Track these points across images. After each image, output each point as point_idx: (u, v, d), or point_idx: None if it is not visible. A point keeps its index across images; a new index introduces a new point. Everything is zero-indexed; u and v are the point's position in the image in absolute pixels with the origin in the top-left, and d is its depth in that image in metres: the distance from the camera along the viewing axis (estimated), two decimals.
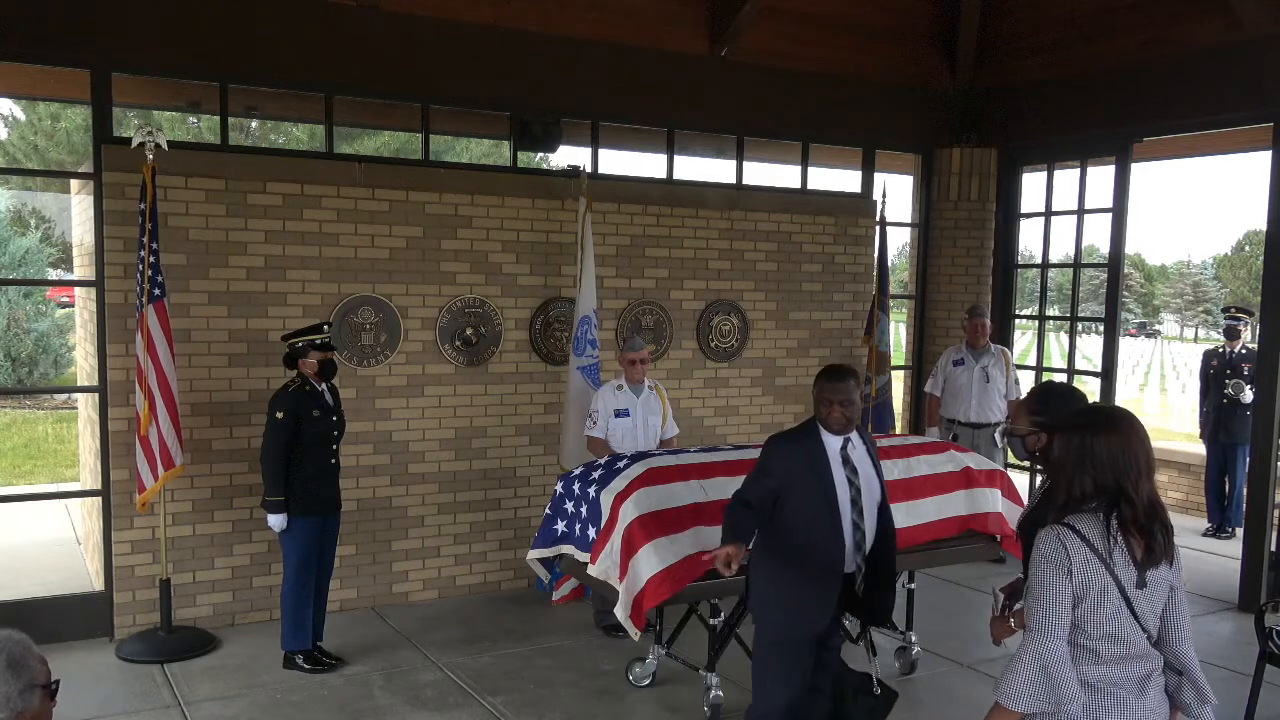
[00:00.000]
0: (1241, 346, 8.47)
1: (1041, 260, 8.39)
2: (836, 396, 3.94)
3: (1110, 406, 2.77)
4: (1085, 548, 2.51)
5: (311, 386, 5.33)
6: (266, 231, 6.01)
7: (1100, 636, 2.54)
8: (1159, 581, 2.57)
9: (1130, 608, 2.53)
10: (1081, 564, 2.50)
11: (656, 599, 4.50)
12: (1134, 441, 2.56)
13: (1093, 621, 2.52)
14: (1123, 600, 2.53)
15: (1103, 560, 2.51)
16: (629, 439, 5.85)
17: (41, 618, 5.71)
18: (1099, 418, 2.64)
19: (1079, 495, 2.57)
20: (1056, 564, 2.51)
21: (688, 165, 11.67)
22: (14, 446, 13.23)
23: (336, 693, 5.14)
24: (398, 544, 6.49)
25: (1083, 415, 2.69)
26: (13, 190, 23.90)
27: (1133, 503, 2.52)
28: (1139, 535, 2.52)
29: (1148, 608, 2.56)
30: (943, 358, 7.70)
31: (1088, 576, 2.50)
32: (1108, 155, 7.54)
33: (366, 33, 6.23)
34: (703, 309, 7.42)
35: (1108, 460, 2.54)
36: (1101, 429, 2.58)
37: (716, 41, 7.28)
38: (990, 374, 7.43)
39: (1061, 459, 2.61)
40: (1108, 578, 2.51)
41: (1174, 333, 78.39)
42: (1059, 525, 2.56)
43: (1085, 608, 2.52)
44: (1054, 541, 2.53)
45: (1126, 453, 2.54)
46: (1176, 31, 6.95)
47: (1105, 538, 2.52)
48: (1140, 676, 2.58)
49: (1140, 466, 2.55)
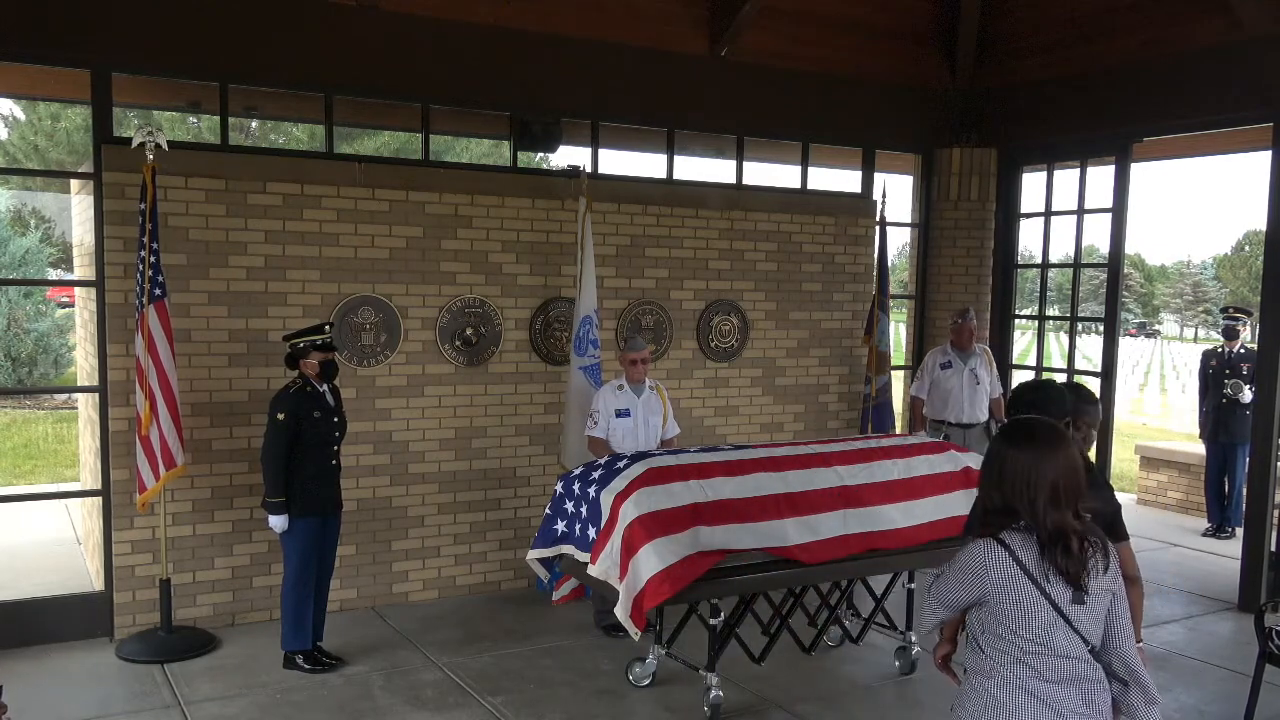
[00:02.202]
0: (1241, 346, 8.47)
1: (1041, 260, 8.39)
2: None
3: (1037, 420, 2.66)
4: (1013, 565, 2.49)
5: (313, 387, 5.33)
6: (266, 231, 6.01)
7: (1035, 650, 2.52)
8: (1100, 593, 2.54)
9: (1068, 622, 2.50)
10: (1000, 582, 2.50)
11: (657, 599, 4.49)
12: (1046, 463, 2.49)
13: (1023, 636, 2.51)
14: (1056, 614, 2.50)
15: (1030, 578, 2.48)
16: (630, 439, 5.85)
17: (41, 618, 5.72)
18: (1019, 432, 2.59)
19: (988, 508, 2.56)
20: (970, 575, 2.54)
21: (688, 165, 11.66)
22: (14, 446, 13.23)
23: (336, 693, 5.14)
24: (398, 544, 6.49)
25: (1010, 426, 2.64)
26: (13, 190, 23.90)
27: (1038, 521, 2.49)
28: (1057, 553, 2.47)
29: (1089, 619, 2.53)
30: (928, 360, 7.65)
31: (1007, 594, 2.49)
32: (1108, 155, 7.54)
33: (366, 33, 6.23)
34: (703, 309, 7.42)
35: (1009, 477, 2.51)
36: (1017, 444, 2.54)
37: (716, 41, 7.28)
38: (979, 375, 7.45)
39: (983, 466, 2.62)
40: (1035, 594, 2.48)
41: (1174, 333, 78.38)
42: (990, 540, 2.54)
43: (1009, 619, 2.51)
44: (978, 556, 2.54)
45: (1033, 472, 2.48)
46: (1176, 31, 6.95)
47: (1039, 557, 2.48)
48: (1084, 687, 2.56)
49: (1043, 488, 2.48)
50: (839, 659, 5.75)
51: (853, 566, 5.10)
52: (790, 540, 4.83)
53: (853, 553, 5.00)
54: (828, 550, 4.92)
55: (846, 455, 5.34)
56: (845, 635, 5.63)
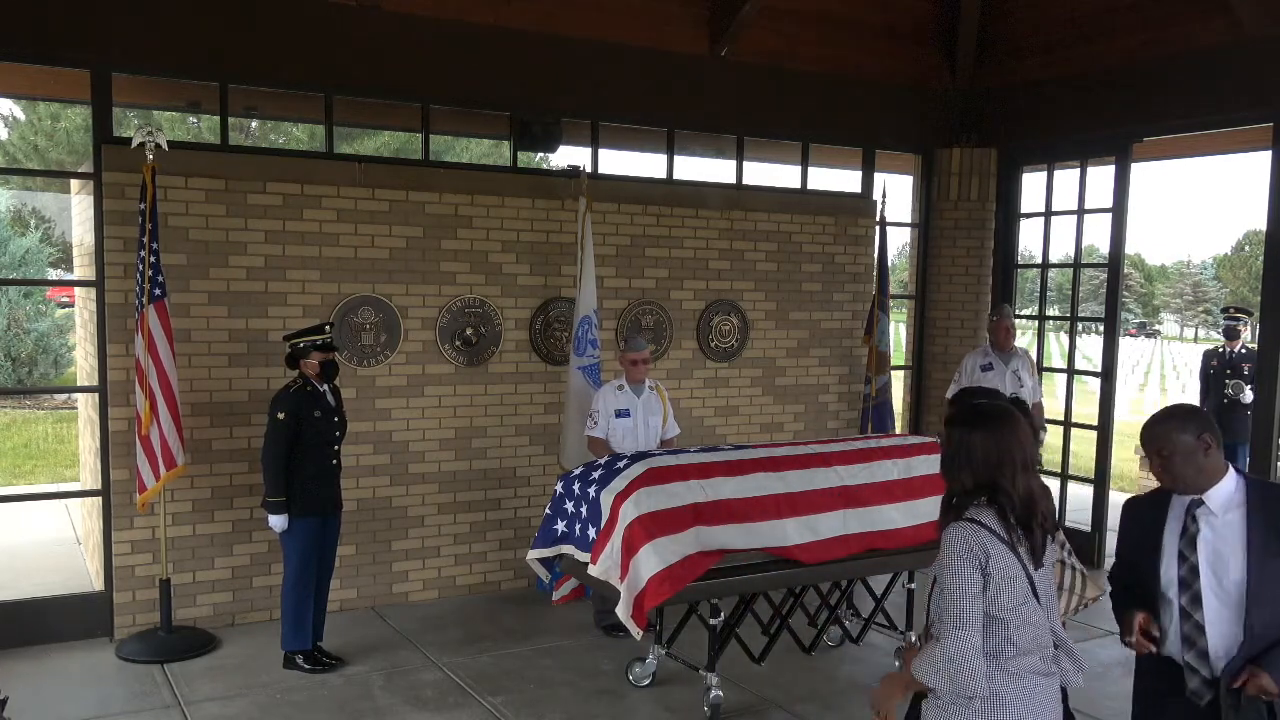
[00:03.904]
0: (1241, 346, 8.47)
1: (1041, 260, 8.39)
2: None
3: (990, 404, 2.82)
4: (995, 539, 2.59)
5: (313, 387, 5.33)
6: (266, 231, 6.01)
7: (1016, 625, 2.61)
8: (1051, 560, 2.73)
9: (1035, 592, 2.63)
10: (997, 556, 2.58)
11: (657, 599, 4.50)
12: (1009, 438, 2.65)
13: (1010, 610, 2.60)
14: (1029, 585, 2.62)
15: (1012, 549, 2.60)
16: (629, 439, 5.85)
17: (41, 618, 5.72)
18: (976, 415, 2.73)
19: (961, 491, 2.67)
20: (970, 559, 2.58)
21: (688, 165, 11.66)
22: (14, 446, 13.23)
23: (336, 693, 5.14)
24: (398, 544, 6.49)
25: (963, 412, 2.78)
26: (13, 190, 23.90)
27: (1010, 496, 2.61)
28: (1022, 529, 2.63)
29: (1046, 585, 2.69)
30: (967, 362, 7.46)
31: (1002, 567, 2.58)
32: (1108, 155, 7.53)
33: (366, 33, 6.23)
34: (703, 309, 7.42)
35: (983, 457, 2.63)
36: (978, 426, 2.67)
37: (716, 41, 7.28)
38: (1021, 377, 7.24)
39: (945, 455, 2.71)
40: (1017, 565, 2.60)
41: (1174, 333, 78.36)
42: (965, 522, 2.63)
43: (1003, 599, 2.59)
44: (965, 537, 2.60)
45: (1002, 449, 2.63)
46: (1176, 31, 6.95)
47: (1008, 529, 2.62)
48: (1050, 659, 2.69)
49: (1016, 462, 2.63)
50: (839, 659, 5.75)
51: (853, 566, 5.10)
52: (790, 540, 4.83)
53: (853, 553, 5.01)
54: (828, 550, 4.92)
55: (846, 455, 5.34)
56: (845, 635, 5.63)
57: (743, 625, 5.17)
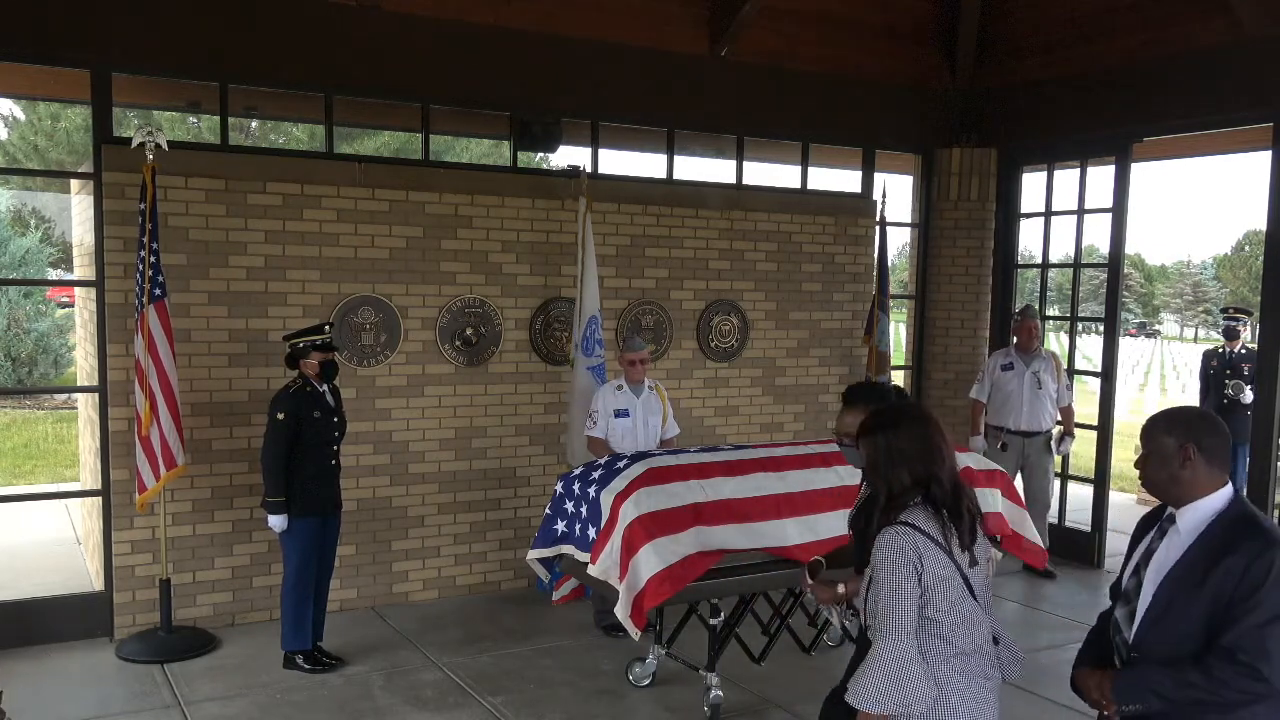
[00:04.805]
0: (1241, 347, 8.46)
1: (1041, 260, 8.39)
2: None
3: (901, 403, 2.88)
4: (928, 541, 2.61)
5: (313, 387, 5.33)
6: (266, 231, 6.01)
7: (953, 625, 2.63)
8: (983, 557, 2.74)
9: (971, 591, 2.67)
10: (930, 558, 2.61)
11: (657, 599, 4.50)
12: (931, 431, 2.72)
13: (945, 611, 2.62)
14: (964, 584, 2.65)
15: (945, 550, 2.63)
16: (629, 439, 5.85)
17: (41, 618, 5.72)
18: (898, 415, 2.80)
19: (899, 490, 2.69)
20: (904, 564, 2.59)
21: (688, 165, 11.66)
22: (14, 446, 13.23)
23: (336, 693, 5.14)
24: (398, 544, 6.49)
25: (883, 418, 2.81)
26: (13, 190, 23.89)
27: (943, 485, 2.67)
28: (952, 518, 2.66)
29: (981, 582, 2.71)
30: (990, 362, 7.50)
31: (935, 570, 2.61)
32: (1108, 155, 7.53)
33: (366, 33, 6.23)
34: (703, 309, 7.42)
35: (916, 453, 2.69)
36: (902, 425, 2.73)
37: (716, 41, 7.28)
38: (1041, 379, 7.24)
39: (874, 460, 2.75)
40: (950, 566, 2.62)
41: (1174, 333, 78.34)
42: (899, 525, 2.64)
43: (937, 600, 2.62)
44: (899, 541, 2.61)
45: (928, 442, 2.70)
46: (1176, 31, 6.95)
47: (942, 529, 2.64)
48: (991, 661, 2.72)
49: (942, 453, 2.70)
50: (839, 659, 5.72)
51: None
52: (790, 540, 4.83)
53: None
54: (828, 550, 4.91)
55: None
56: (845, 635, 5.63)
57: (743, 625, 5.17)
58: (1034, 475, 7.43)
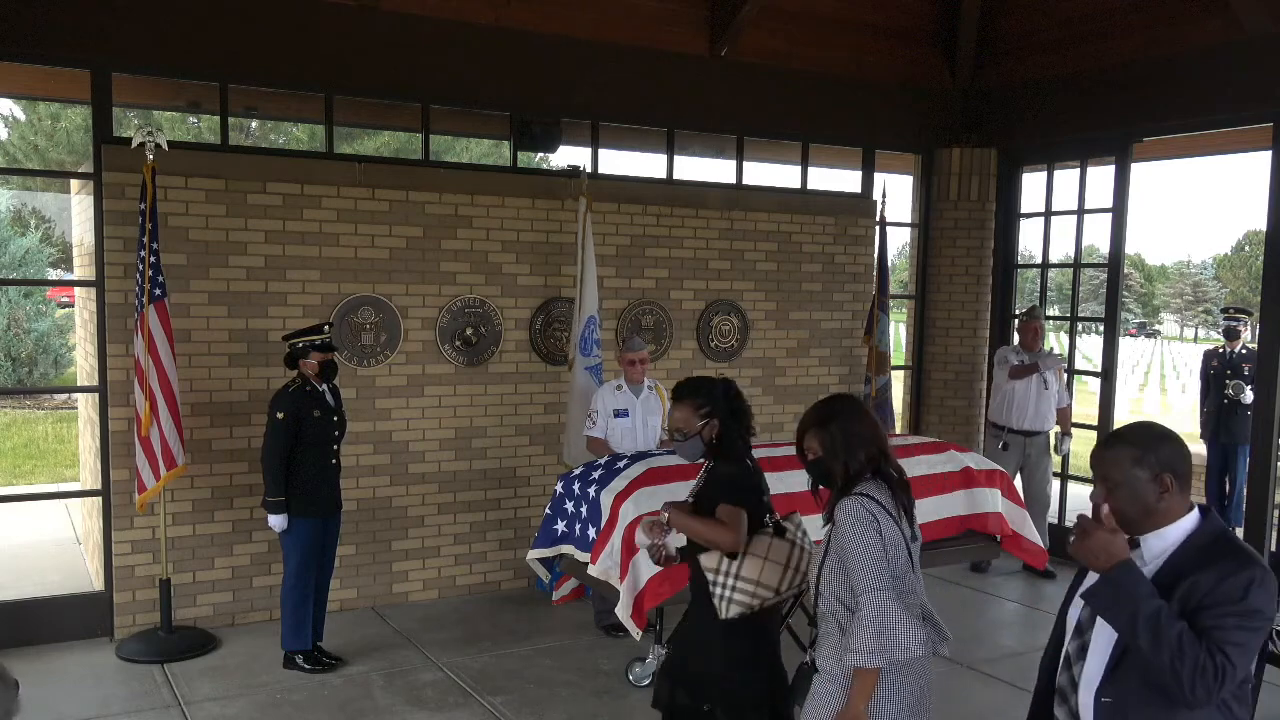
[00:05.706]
0: (1241, 347, 8.47)
1: (1041, 260, 8.39)
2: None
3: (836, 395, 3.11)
4: (883, 510, 2.80)
5: (312, 387, 5.33)
6: (266, 231, 6.01)
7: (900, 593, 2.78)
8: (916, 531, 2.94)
9: (913, 563, 2.86)
10: (885, 524, 2.78)
11: (657, 599, 4.50)
12: (870, 415, 3.02)
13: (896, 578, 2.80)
14: (909, 555, 2.85)
15: (895, 520, 2.82)
16: (628, 439, 5.85)
17: (41, 618, 5.72)
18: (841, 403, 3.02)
19: (857, 470, 2.88)
20: (869, 525, 2.76)
21: (688, 165, 11.68)
22: (14, 446, 13.23)
23: (336, 693, 5.14)
24: (398, 544, 6.49)
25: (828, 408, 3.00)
26: (13, 190, 23.88)
27: (890, 461, 2.90)
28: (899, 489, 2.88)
29: (918, 557, 2.92)
30: (1006, 353, 7.45)
31: (890, 534, 2.78)
32: (1108, 155, 7.53)
33: (366, 33, 6.23)
34: (703, 309, 7.42)
35: (868, 435, 2.91)
36: (849, 413, 2.96)
37: (716, 41, 7.28)
38: (1048, 380, 7.25)
39: (833, 448, 2.91)
40: (899, 535, 2.82)
41: (1174, 333, 78.34)
42: (857, 495, 2.82)
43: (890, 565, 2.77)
44: (859, 509, 2.79)
45: (873, 424, 2.97)
46: (1176, 31, 6.95)
47: (894, 499, 2.85)
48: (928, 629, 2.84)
49: (882, 433, 2.97)
50: None
51: None
52: None
53: None
54: None
55: None
56: None
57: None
58: (1034, 475, 7.43)
